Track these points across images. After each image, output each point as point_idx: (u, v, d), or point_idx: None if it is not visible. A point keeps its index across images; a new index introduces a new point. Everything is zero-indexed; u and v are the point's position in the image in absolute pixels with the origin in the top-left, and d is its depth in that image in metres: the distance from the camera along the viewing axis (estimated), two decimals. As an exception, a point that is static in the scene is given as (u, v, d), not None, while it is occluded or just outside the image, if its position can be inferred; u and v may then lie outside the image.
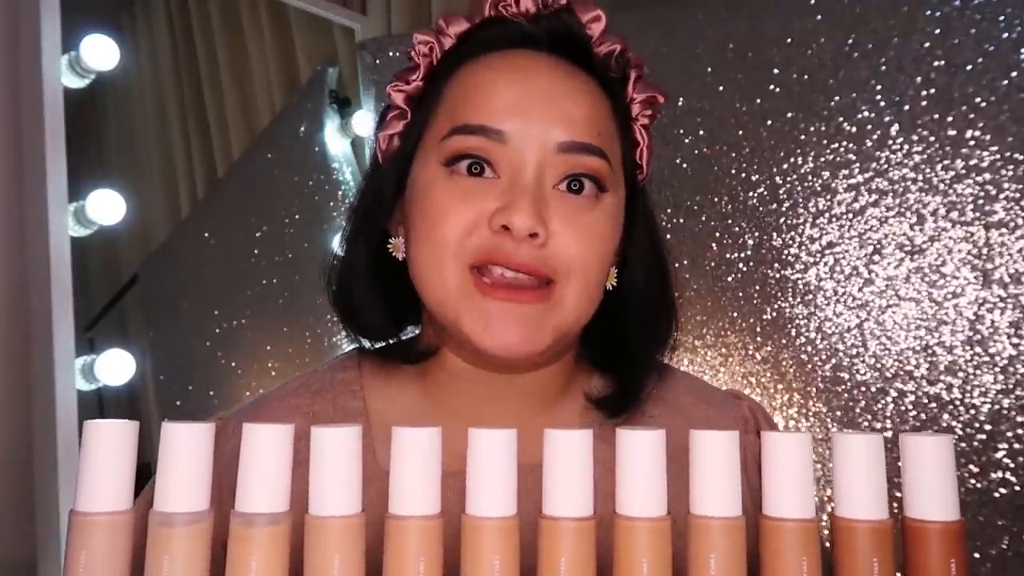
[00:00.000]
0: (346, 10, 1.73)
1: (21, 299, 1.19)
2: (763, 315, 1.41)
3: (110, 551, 0.39)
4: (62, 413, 1.12)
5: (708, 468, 0.41)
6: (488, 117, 0.60)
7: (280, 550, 0.39)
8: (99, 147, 1.43)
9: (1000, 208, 1.30)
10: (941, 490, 0.41)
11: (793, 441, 0.41)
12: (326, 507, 0.40)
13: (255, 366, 1.53)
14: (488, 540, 0.40)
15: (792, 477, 0.41)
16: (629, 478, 0.41)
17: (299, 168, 1.66)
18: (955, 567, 0.40)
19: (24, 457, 1.16)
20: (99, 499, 0.39)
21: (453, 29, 0.65)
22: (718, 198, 1.45)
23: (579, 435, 0.41)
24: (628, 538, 0.40)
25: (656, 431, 0.41)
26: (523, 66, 0.62)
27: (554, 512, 0.40)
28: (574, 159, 0.60)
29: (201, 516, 0.39)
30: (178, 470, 0.39)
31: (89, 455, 0.39)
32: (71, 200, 1.20)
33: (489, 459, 0.40)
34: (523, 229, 0.57)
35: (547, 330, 0.59)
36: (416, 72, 0.65)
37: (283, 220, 1.60)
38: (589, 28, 0.65)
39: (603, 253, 0.61)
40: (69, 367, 1.15)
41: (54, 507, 1.09)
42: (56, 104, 1.20)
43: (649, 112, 0.68)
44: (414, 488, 0.40)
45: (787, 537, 0.40)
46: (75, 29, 1.24)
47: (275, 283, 1.56)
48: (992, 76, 1.31)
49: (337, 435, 0.40)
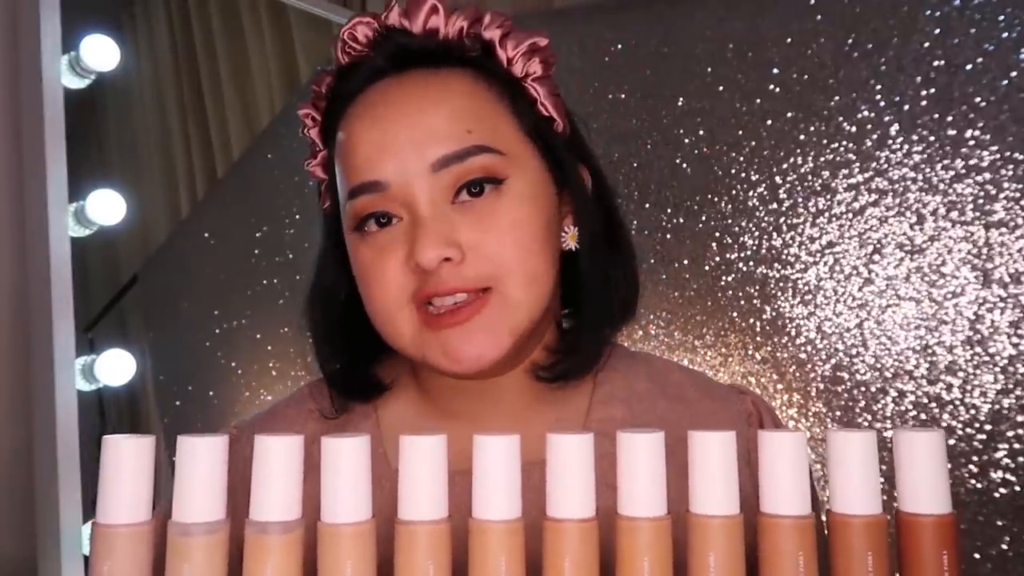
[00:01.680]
0: (346, 10, 1.73)
1: (21, 299, 1.19)
2: (763, 315, 1.41)
3: (132, 561, 0.41)
4: (62, 413, 1.12)
5: (707, 468, 0.42)
6: (363, 173, 0.60)
7: (294, 556, 0.41)
8: (99, 147, 1.43)
9: (1000, 208, 1.30)
10: (933, 484, 0.42)
11: (788, 439, 0.42)
12: (338, 515, 0.41)
13: (255, 366, 1.52)
14: (494, 542, 0.41)
15: (788, 475, 0.41)
16: (630, 479, 0.42)
17: (299, 168, 1.65)
18: (947, 559, 0.41)
19: (24, 457, 1.16)
20: (120, 512, 0.41)
21: (323, 88, 0.66)
22: (718, 198, 1.45)
23: (580, 439, 0.42)
24: (630, 538, 0.41)
25: (655, 433, 0.42)
26: (376, 103, 0.62)
27: (557, 514, 0.41)
28: (454, 170, 0.59)
29: (218, 526, 0.41)
30: (195, 482, 0.41)
31: (109, 470, 0.41)
32: (71, 200, 1.20)
33: (494, 464, 0.41)
34: (432, 261, 0.57)
35: (503, 333, 0.59)
36: (315, 144, 0.68)
37: (283, 220, 1.60)
38: (428, 23, 0.63)
39: (529, 238, 0.60)
40: (69, 367, 1.15)
41: (54, 507, 1.09)
42: (56, 104, 1.20)
43: (537, 60, 0.64)
44: (422, 494, 0.41)
45: (783, 533, 0.41)
46: (75, 29, 1.24)
47: (275, 283, 1.56)
48: (992, 76, 1.31)
49: (347, 444, 0.41)
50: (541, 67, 0.64)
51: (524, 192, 0.61)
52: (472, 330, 0.58)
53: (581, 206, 0.66)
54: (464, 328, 0.58)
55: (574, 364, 0.65)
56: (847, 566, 0.41)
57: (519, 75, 0.64)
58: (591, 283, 0.65)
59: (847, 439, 0.42)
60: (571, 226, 0.66)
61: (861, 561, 0.41)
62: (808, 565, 0.41)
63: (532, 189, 0.62)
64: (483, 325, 0.59)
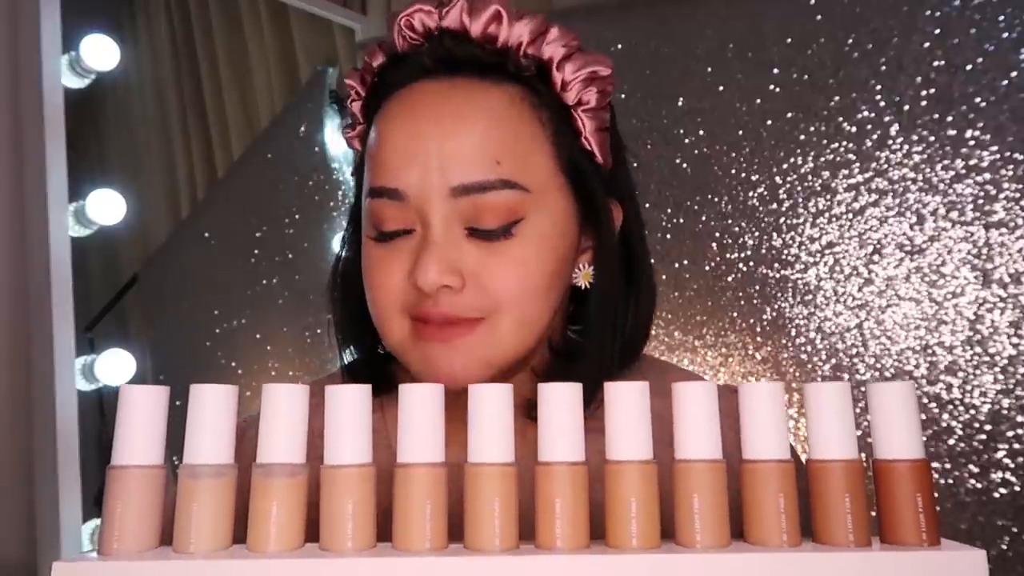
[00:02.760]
0: (346, 10, 1.73)
1: (21, 299, 1.19)
2: (763, 315, 1.41)
3: (144, 501, 0.43)
4: (62, 413, 1.12)
5: (689, 416, 0.44)
6: (386, 177, 0.59)
7: (298, 498, 0.43)
8: (99, 147, 1.42)
9: (1000, 208, 1.30)
10: (906, 431, 0.44)
11: (766, 389, 0.45)
12: (340, 457, 0.43)
13: (255, 366, 1.52)
14: (489, 485, 0.43)
15: (767, 422, 0.44)
16: (617, 426, 0.44)
17: (299, 168, 1.66)
18: (921, 500, 0.43)
19: (24, 457, 1.16)
20: (133, 454, 0.43)
21: (376, 62, 0.64)
22: (718, 198, 1.45)
23: (570, 387, 0.45)
24: (618, 480, 0.43)
25: (640, 383, 0.45)
26: (416, 103, 0.60)
27: (549, 458, 0.44)
28: (473, 201, 0.57)
29: (226, 469, 0.43)
30: (204, 426, 0.43)
31: (125, 415, 0.43)
32: (71, 200, 1.20)
33: (488, 411, 0.44)
34: (432, 286, 0.56)
35: (482, 363, 0.58)
36: (355, 117, 0.67)
37: (283, 220, 1.60)
38: (488, 29, 0.60)
39: (533, 281, 0.59)
40: (69, 367, 1.15)
41: (54, 507, 1.09)
42: (56, 104, 1.20)
43: (593, 91, 0.61)
44: (419, 438, 0.43)
45: (765, 476, 0.43)
46: (75, 29, 1.24)
47: (275, 283, 1.56)
48: (992, 76, 1.31)
49: (349, 391, 0.44)
50: (596, 98, 0.61)
51: (541, 232, 0.59)
52: (454, 352, 0.58)
53: (602, 246, 0.64)
54: (448, 346, 0.58)
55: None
56: (825, 508, 0.44)
57: (571, 103, 0.61)
58: (597, 324, 0.64)
59: (822, 389, 0.45)
60: (586, 264, 0.64)
61: (839, 503, 0.43)
62: (789, 506, 0.43)
63: (549, 228, 0.60)
64: (466, 351, 0.58)
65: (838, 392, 0.45)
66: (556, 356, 0.66)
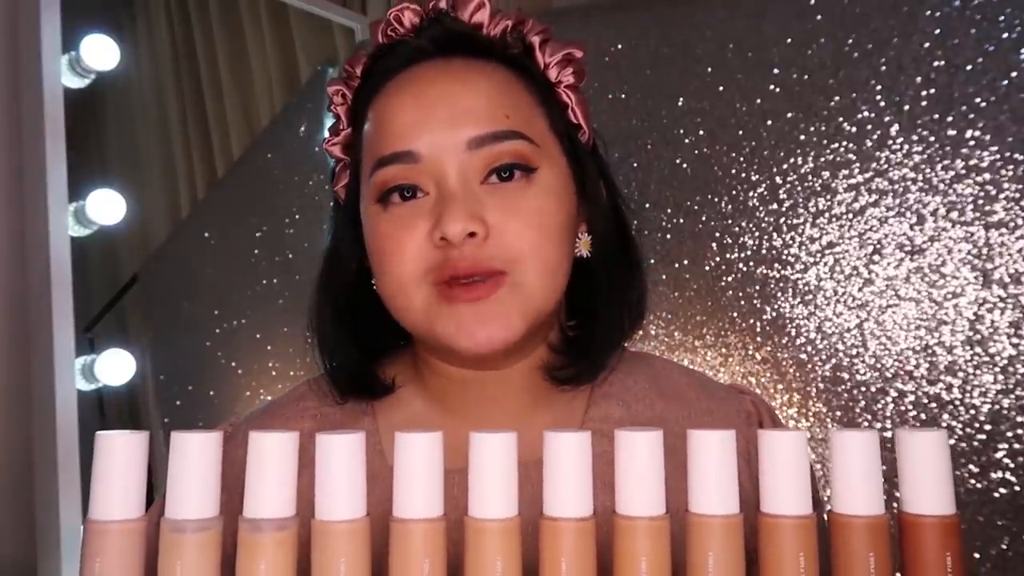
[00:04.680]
0: (346, 10, 1.73)
1: (21, 299, 1.19)
2: (763, 315, 1.41)
3: (124, 557, 0.40)
4: (62, 413, 1.12)
5: (705, 467, 0.41)
6: (396, 143, 0.61)
7: (287, 554, 0.41)
8: (99, 147, 1.42)
9: (1000, 208, 1.30)
10: (936, 485, 0.41)
11: (788, 438, 0.41)
12: (333, 512, 0.41)
13: (255, 366, 1.52)
14: (491, 542, 0.40)
15: (788, 474, 0.41)
16: (628, 478, 0.41)
17: (299, 168, 1.66)
18: (951, 561, 0.40)
19: (24, 457, 1.16)
20: (112, 508, 0.41)
21: (358, 69, 0.67)
22: (718, 198, 1.45)
23: (578, 436, 0.41)
24: (627, 537, 0.41)
25: (654, 432, 0.42)
26: (417, 80, 0.63)
27: (555, 513, 0.41)
28: (489, 150, 0.60)
29: (211, 523, 0.41)
30: (188, 479, 0.41)
31: (101, 465, 0.41)
32: (71, 200, 1.20)
33: (490, 462, 0.41)
34: (459, 234, 0.57)
35: (515, 316, 0.59)
36: (340, 122, 0.68)
37: (283, 220, 1.60)
38: (474, 18, 0.65)
39: (551, 229, 0.61)
40: (69, 367, 1.15)
41: (54, 507, 1.09)
42: (56, 104, 1.19)
43: (571, 70, 0.66)
44: (417, 491, 0.41)
45: (784, 534, 0.41)
46: (75, 29, 1.24)
47: (275, 283, 1.56)
48: (992, 76, 1.31)
49: (342, 441, 0.41)
50: (574, 77, 0.66)
51: (551, 185, 0.62)
52: (486, 311, 0.59)
53: (598, 215, 0.66)
54: (478, 309, 0.58)
55: (584, 368, 0.66)
56: (849, 567, 0.41)
57: (553, 80, 0.66)
58: (603, 290, 0.66)
59: (849, 439, 0.41)
60: (585, 233, 0.67)
61: (863, 562, 0.40)
62: (809, 566, 0.40)
63: (558, 184, 0.63)
64: (497, 307, 0.59)
65: (865, 442, 0.41)
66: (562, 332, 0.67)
